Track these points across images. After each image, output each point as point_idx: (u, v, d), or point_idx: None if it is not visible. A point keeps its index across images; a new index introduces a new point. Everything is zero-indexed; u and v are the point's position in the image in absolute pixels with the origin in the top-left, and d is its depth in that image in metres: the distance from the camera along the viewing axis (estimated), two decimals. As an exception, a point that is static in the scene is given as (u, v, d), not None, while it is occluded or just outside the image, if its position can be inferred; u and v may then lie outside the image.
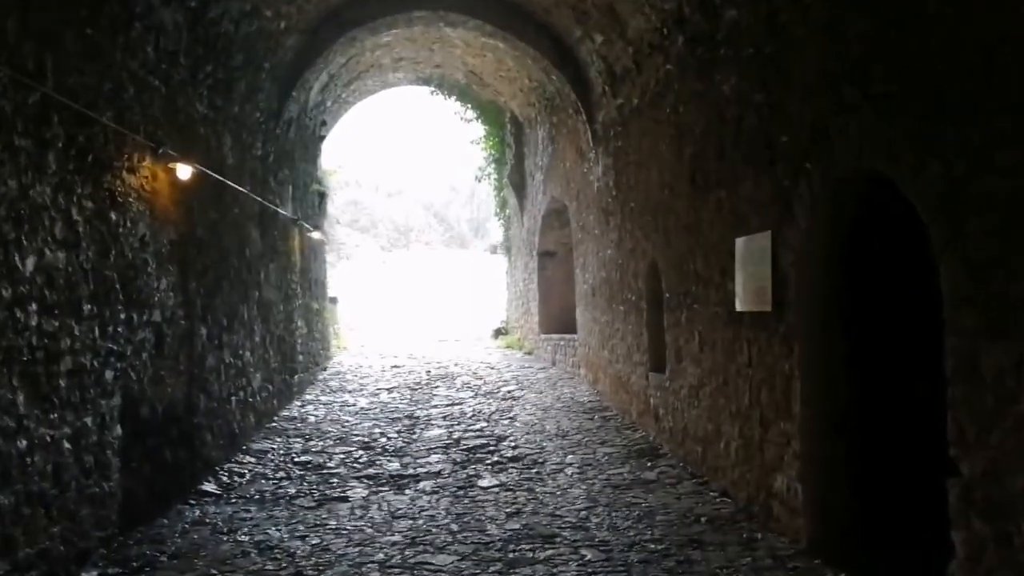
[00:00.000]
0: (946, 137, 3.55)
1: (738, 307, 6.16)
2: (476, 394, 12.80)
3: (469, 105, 19.29)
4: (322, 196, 16.98)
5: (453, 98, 19.19)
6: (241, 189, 9.64)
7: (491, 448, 8.99)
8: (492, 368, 15.35)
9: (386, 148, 57.01)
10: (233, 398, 8.99)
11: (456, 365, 15.90)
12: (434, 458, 8.70)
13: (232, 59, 9.29)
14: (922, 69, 3.73)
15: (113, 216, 6.23)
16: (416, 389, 13.50)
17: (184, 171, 7.10)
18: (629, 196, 9.74)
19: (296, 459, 8.81)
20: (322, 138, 17.24)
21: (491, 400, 12.11)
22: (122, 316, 6.27)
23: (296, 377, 12.81)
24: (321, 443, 9.56)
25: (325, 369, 15.84)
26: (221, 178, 8.73)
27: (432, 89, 19.21)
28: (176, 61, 7.63)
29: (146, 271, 6.76)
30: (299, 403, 12.22)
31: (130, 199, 6.55)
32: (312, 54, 11.91)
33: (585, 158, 12.24)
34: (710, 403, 6.92)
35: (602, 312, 11.46)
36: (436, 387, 13.63)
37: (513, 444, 9.12)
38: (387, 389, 13.63)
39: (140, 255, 6.67)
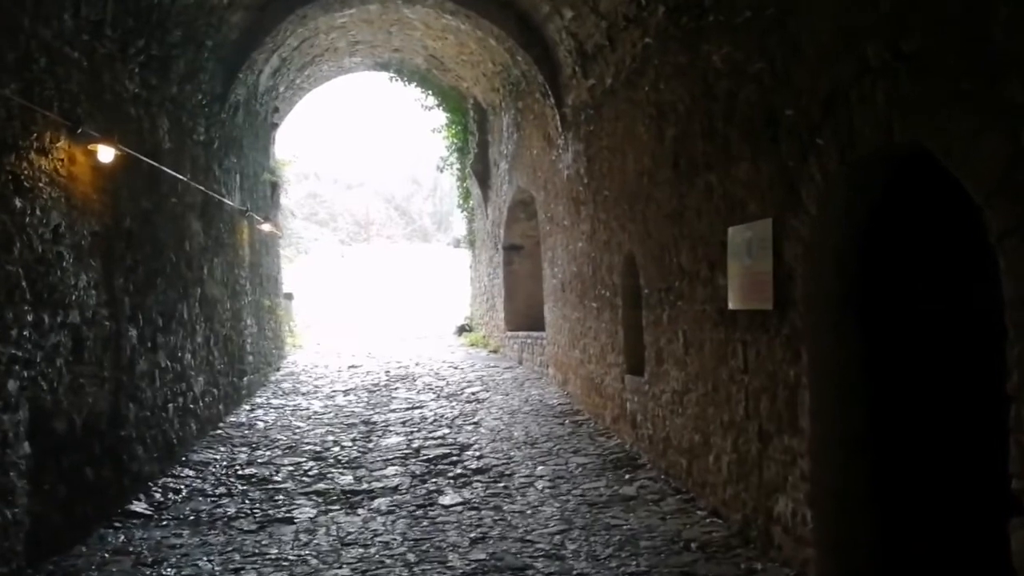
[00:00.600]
0: (1010, 100, 2.92)
1: (731, 305, 5.52)
2: (438, 396, 12.07)
3: (430, 92, 18.53)
4: (274, 187, 16.12)
5: (413, 84, 18.42)
6: (180, 177, 8.81)
7: (454, 458, 8.28)
8: (455, 368, 14.63)
9: (344, 138, 55.90)
10: (171, 405, 8.18)
11: (417, 364, 15.15)
12: (391, 470, 7.97)
13: (168, 34, 8.45)
14: (977, 17, 3.09)
15: (18, 203, 5.41)
16: (374, 391, 12.74)
17: (106, 153, 6.27)
18: (602, 184, 9.07)
19: (240, 472, 8.02)
20: (275, 125, 16.39)
21: (454, 403, 11.39)
22: (29, 318, 5.46)
23: (245, 379, 11.98)
24: (268, 452, 8.78)
25: (278, 370, 15.00)
26: (156, 164, 7.90)
27: (391, 75, 18.43)
28: (101, 33, 6.79)
29: (60, 266, 5.94)
30: (248, 407, 11.40)
31: (40, 184, 5.72)
32: (260, 33, 11.07)
33: (553, 145, 11.56)
34: (697, 411, 6.28)
35: (573, 309, 10.80)
36: (396, 389, 12.88)
37: (478, 453, 8.42)
38: (343, 391, 12.85)
39: (53, 248, 5.85)
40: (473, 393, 12.12)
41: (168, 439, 8.03)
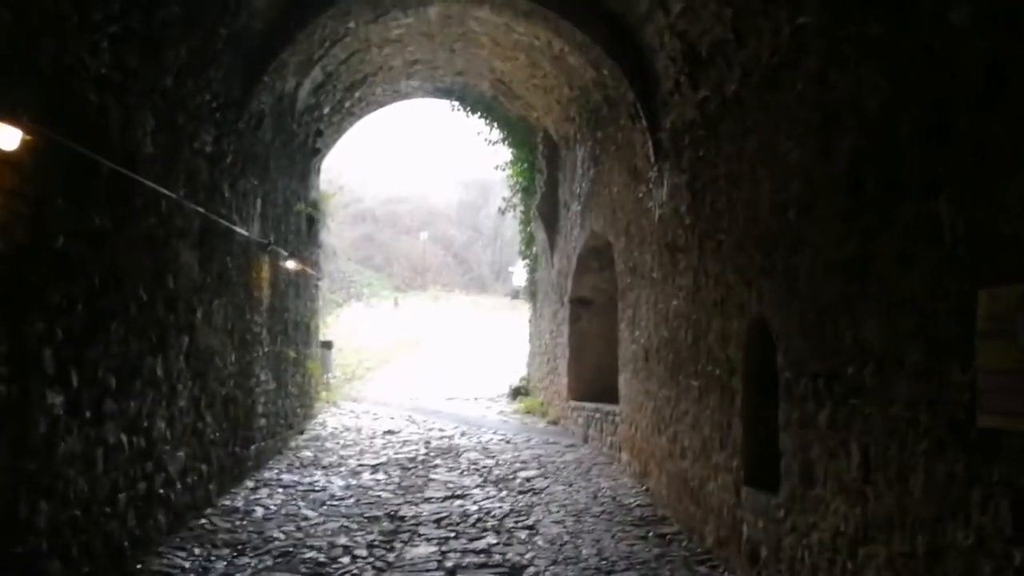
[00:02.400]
0: None
1: (982, 419, 3.25)
2: (485, 481, 9.85)
3: (495, 123, 16.64)
4: (312, 221, 14.26)
5: (477, 114, 16.56)
6: (165, 192, 6.87)
7: (501, 592, 6.03)
8: (507, 442, 12.39)
9: (401, 173, 54.60)
10: (123, 495, 6.10)
11: (463, 435, 12.96)
12: (413, 606, 5.77)
13: (161, 7, 6.59)
14: None
15: None
16: (409, 469, 10.56)
17: (8, 137, 4.30)
18: (715, 225, 6.87)
19: (205, 596, 5.89)
20: (316, 152, 14.58)
21: (504, 492, 9.15)
22: None
23: (253, 448, 9.91)
24: (254, 562, 6.63)
25: (302, 432, 12.95)
26: (122, 170, 5.96)
27: (453, 103, 16.60)
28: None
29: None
30: (251, 484, 9.31)
31: None
32: (291, 26, 9.22)
33: (641, 180, 9.42)
34: None
35: (660, 384, 8.54)
36: (434, 466, 10.69)
37: (534, 585, 6.15)
38: (372, 466, 10.70)
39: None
40: (528, 479, 9.87)
41: (113, 544, 5.93)
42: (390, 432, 13.28)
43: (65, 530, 5.20)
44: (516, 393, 17.02)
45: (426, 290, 47.47)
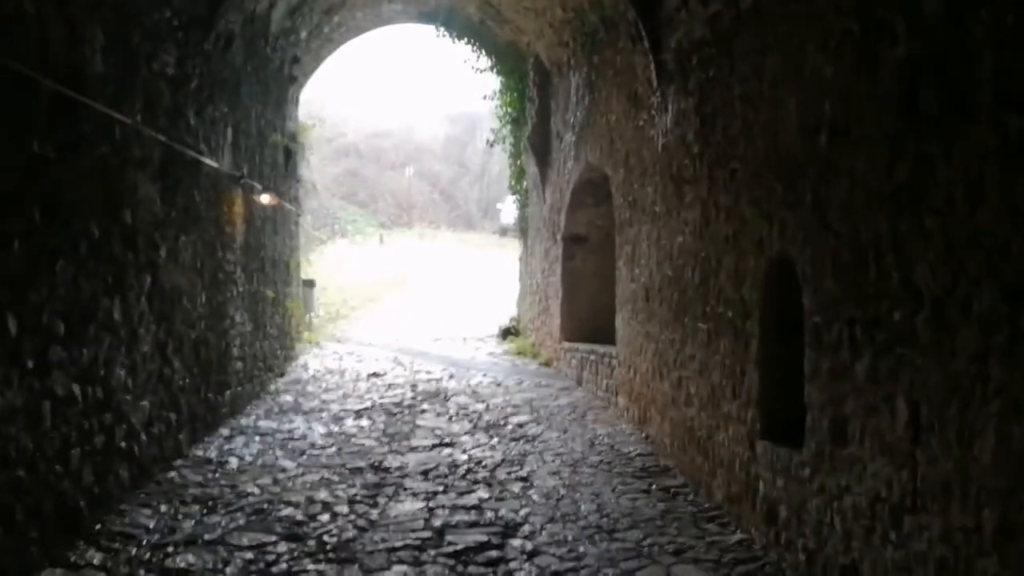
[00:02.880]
0: None
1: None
2: (475, 427, 9.37)
3: (483, 50, 15.82)
4: (289, 153, 13.52)
5: (464, 40, 15.73)
6: (120, 118, 6.18)
7: (493, 554, 5.53)
8: (498, 384, 11.90)
9: (387, 107, 53.31)
10: (76, 451, 5.55)
11: (452, 377, 12.45)
12: (398, 570, 5.27)
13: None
14: None
15: None
16: (395, 414, 10.06)
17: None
18: (727, 153, 6.25)
19: (168, 562, 5.37)
20: (294, 79, 13.78)
21: (495, 440, 8.67)
22: None
23: (228, 394, 9.37)
24: (225, 520, 6.12)
25: (282, 375, 12.42)
26: (65, 91, 5.27)
27: (438, 29, 15.75)
28: None
29: None
30: (227, 432, 8.79)
31: None
32: (259, -65, 8.41)
33: (643, 106, 8.75)
34: (942, 553, 3.48)
35: (663, 326, 8.00)
36: (422, 412, 10.20)
37: (530, 547, 5.65)
38: (355, 412, 10.20)
39: None
40: (520, 425, 9.39)
41: (67, 504, 5.40)
42: (375, 375, 12.76)
43: (5, 493, 4.65)
44: (506, 333, 16.51)
45: (412, 227, 46.69)
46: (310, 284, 18.52)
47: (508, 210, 41.84)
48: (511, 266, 20.09)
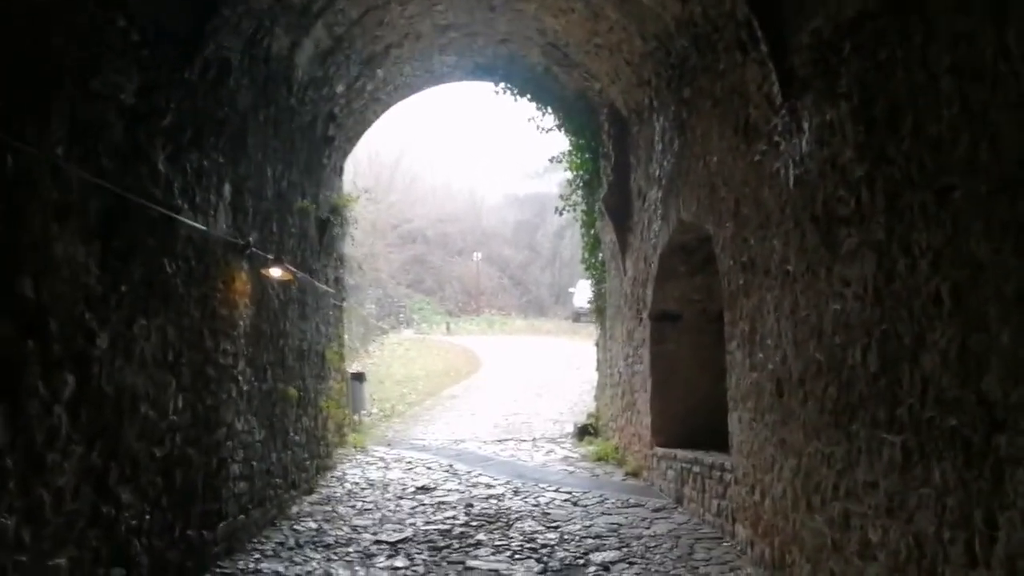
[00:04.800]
0: None
1: None
2: (544, 570, 7.05)
3: (548, 105, 13.99)
4: (325, 226, 11.68)
5: (527, 96, 13.94)
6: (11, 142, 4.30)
7: None
8: (575, 504, 9.53)
9: (453, 190, 52.17)
10: None
11: (516, 494, 10.13)
12: None
13: None
14: None
15: None
16: (441, 549, 7.80)
17: None
18: (930, 165, 4.03)
19: None
20: (329, 140, 12.05)
21: (574, 594, 6.34)
22: None
23: (223, 527, 7.25)
24: None
25: (311, 492, 10.28)
26: None
27: (497, 85, 14.01)
28: None
29: None
30: (212, 583, 6.67)
31: None
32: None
33: (758, 134, 6.61)
34: None
35: (811, 433, 5.64)
36: (476, 543, 7.91)
37: None
38: (392, 545, 7.97)
39: None
40: (606, 568, 7.04)
41: None
42: (423, 489, 10.52)
43: None
44: (583, 433, 14.13)
45: (480, 314, 44.85)
46: (359, 378, 16.58)
47: (581, 294, 39.80)
48: (587, 354, 17.87)
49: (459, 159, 53.11)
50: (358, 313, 27.28)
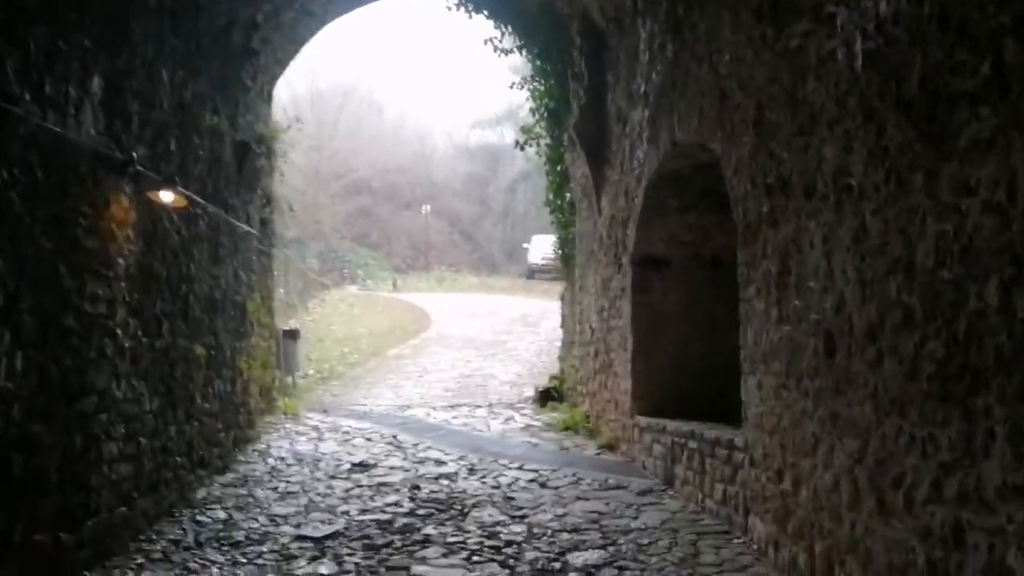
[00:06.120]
0: None
1: None
2: (511, 573, 5.54)
3: (508, 24, 12.31)
4: (244, 152, 9.89)
5: (484, 13, 12.23)
6: None
7: None
8: (543, 486, 8.02)
9: (400, 138, 49.90)
10: None
11: (472, 472, 8.60)
12: None
13: None
14: None
15: None
16: (379, 548, 6.23)
17: None
18: None
19: None
20: (250, 53, 10.22)
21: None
22: None
23: (91, 525, 5.57)
24: None
25: (225, 470, 8.64)
26: None
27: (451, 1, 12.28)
28: None
29: None
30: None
31: None
32: None
33: (794, 14, 5.05)
34: None
35: (885, 407, 4.13)
36: (423, 542, 6.36)
37: None
38: (315, 543, 6.38)
39: None
40: (590, 573, 5.54)
41: None
42: (361, 466, 8.93)
43: None
44: (545, 398, 12.64)
45: (430, 270, 43.04)
46: (293, 336, 14.84)
47: (536, 249, 38.27)
48: (544, 313, 16.37)
49: (408, 104, 50.84)
50: (296, 266, 25.41)
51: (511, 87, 13.16)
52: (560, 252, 13.17)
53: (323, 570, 5.75)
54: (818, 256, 4.91)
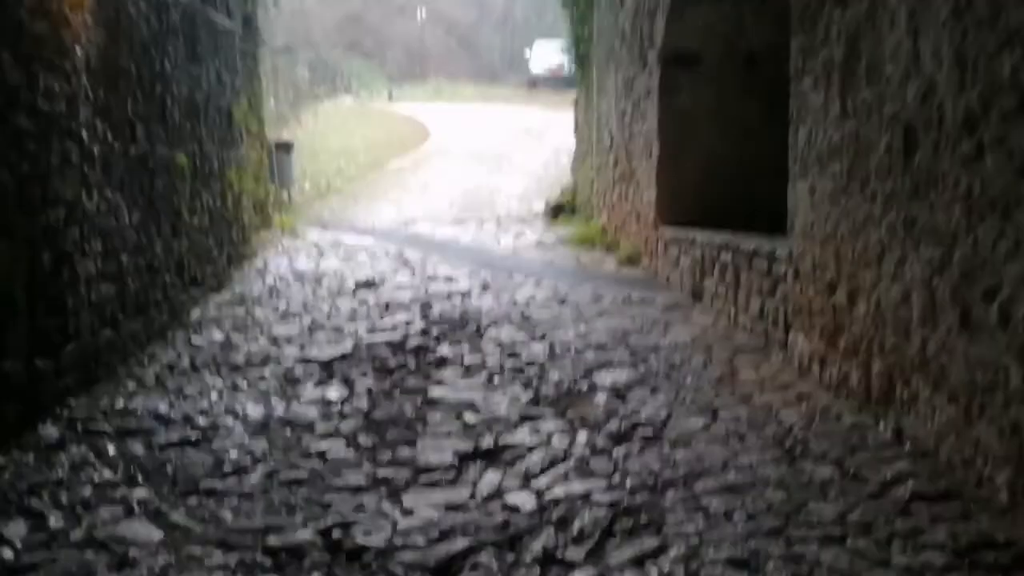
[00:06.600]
0: None
1: None
2: (536, 398, 5.17)
3: None
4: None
5: None
6: None
7: None
8: (562, 302, 7.63)
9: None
10: None
11: (486, 289, 8.19)
12: None
13: None
14: None
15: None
16: (391, 371, 5.86)
17: None
18: None
19: None
20: None
21: (580, 438, 4.46)
22: None
23: (71, 348, 5.16)
24: None
25: (220, 288, 8.24)
26: None
27: None
28: None
29: None
30: (55, 432, 4.65)
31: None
32: None
33: None
34: None
35: (989, 207, 3.57)
36: (439, 362, 5.99)
37: None
38: (323, 365, 6.01)
39: None
40: (618, 394, 5.18)
41: None
42: (367, 284, 8.51)
43: None
44: (557, 212, 12.12)
45: (426, 80, 41.51)
46: (287, 148, 14.18)
47: (538, 57, 36.71)
48: (549, 123, 15.53)
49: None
50: (287, 76, 24.27)
51: None
52: (573, 52, 12.24)
53: (332, 394, 5.37)
54: (900, 36, 4.21)
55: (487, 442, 4.46)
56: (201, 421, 4.92)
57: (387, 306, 7.62)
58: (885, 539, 3.33)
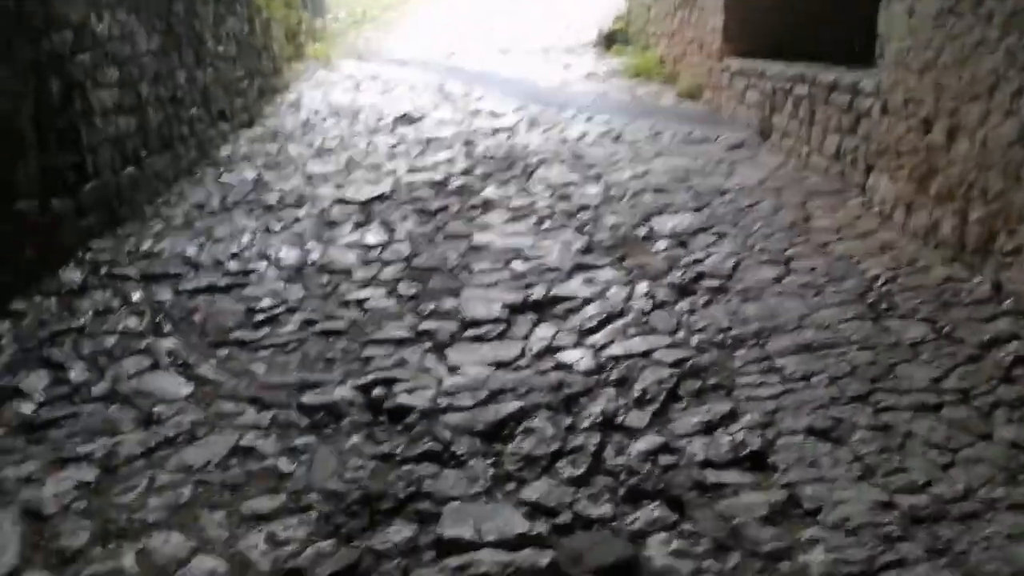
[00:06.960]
0: None
1: None
2: (589, 245, 4.81)
3: None
4: None
5: None
6: None
7: None
8: (616, 139, 7.13)
9: None
10: None
11: (533, 124, 7.69)
12: None
13: None
14: None
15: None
16: (434, 213, 5.51)
17: None
18: None
19: None
20: None
21: (642, 294, 4.12)
22: None
23: (87, 190, 4.86)
24: None
25: (251, 123, 7.86)
26: None
27: None
28: None
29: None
30: (77, 274, 4.43)
31: None
32: None
33: None
34: None
35: None
36: (483, 206, 5.62)
37: None
38: (360, 205, 5.68)
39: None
40: (680, 241, 4.78)
41: None
42: (406, 119, 8.05)
43: None
44: (610, 41, 11.36)
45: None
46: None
47: None
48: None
49: None
50: None
51: None
52: None
53: (370, 238, 5.06)
54: None
55: (538, 293, 4.14)
56: (232, 265, 4.66)
57: (428, 143, 7.19)
58: (986, 408, 2.99)
